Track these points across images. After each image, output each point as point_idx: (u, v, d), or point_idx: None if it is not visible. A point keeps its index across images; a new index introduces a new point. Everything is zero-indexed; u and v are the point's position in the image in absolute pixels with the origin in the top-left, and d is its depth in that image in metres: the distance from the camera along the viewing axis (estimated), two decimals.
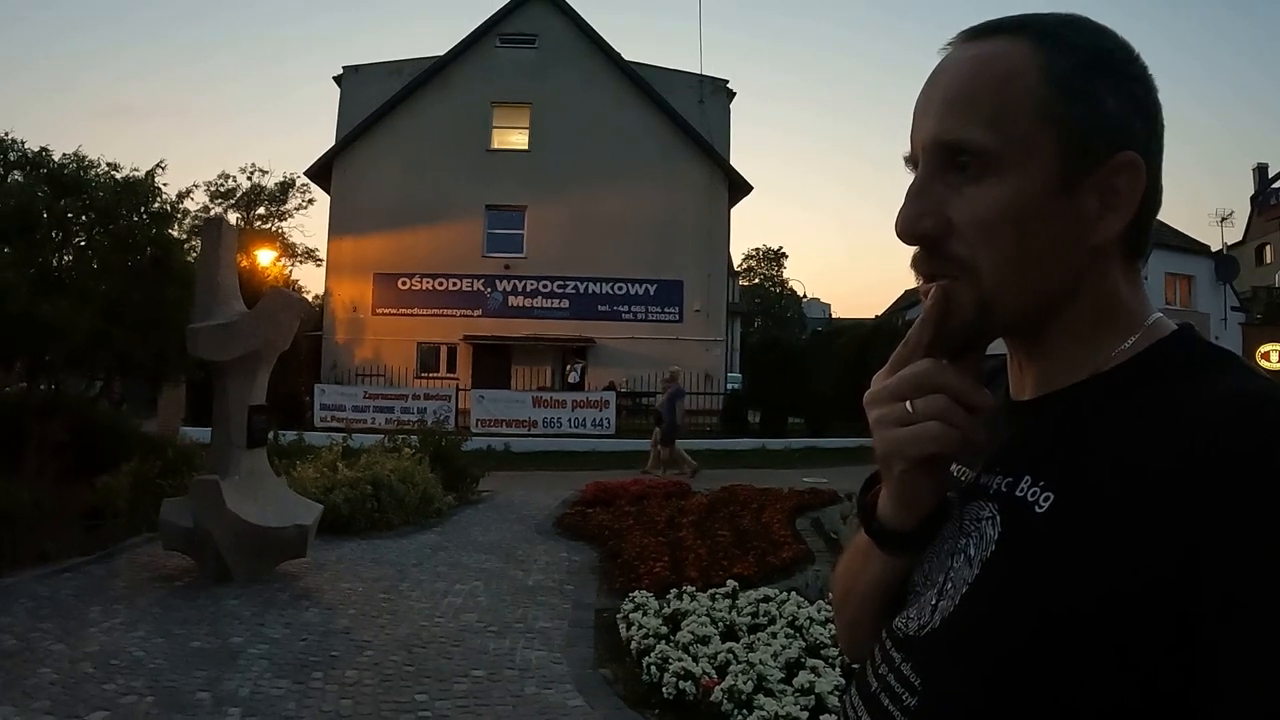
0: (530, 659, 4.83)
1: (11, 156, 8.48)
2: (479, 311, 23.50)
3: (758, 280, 55.50)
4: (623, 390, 21.14)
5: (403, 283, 23.59)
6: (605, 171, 23.27)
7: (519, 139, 24.36)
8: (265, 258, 26.31)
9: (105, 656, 4.53)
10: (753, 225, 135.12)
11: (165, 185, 8.85)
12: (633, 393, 21.22)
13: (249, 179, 35.56)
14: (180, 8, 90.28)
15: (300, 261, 37.41)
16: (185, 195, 9.86)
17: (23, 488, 6.76)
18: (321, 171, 24.87)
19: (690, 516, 8.48)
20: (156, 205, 8.78)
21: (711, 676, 4.17)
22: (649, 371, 20.62)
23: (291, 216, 37.05)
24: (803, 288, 54.88)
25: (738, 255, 47.89)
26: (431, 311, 23.51)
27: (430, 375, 23.07)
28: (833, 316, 51.72)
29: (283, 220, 36.57)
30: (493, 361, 23.07)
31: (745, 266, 54.28)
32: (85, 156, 8.59)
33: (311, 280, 40.19)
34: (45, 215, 8.04)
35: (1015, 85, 0.68)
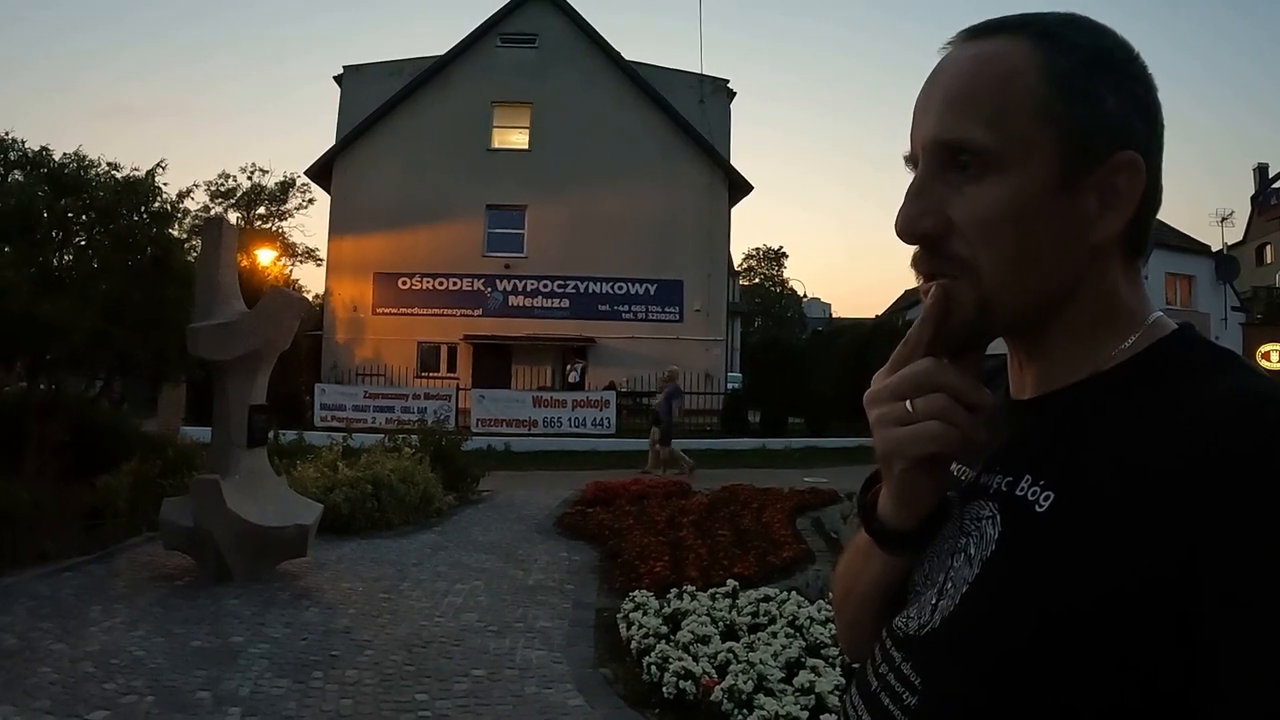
0: (530, 658, 4.83)
1: (12, 156, 8.46)
2: (479, 311, 23.50)
3: (758, 280, 55.54)
4: (623, 390, 21.13)
5: (403, 282, 23.59)
6: (605, 171, 23.27)
7: (519, 139, 24.36)
8: (265, 257, 26.31)
9: (106, 656, 4.53)
10: (753, 225, 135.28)
11: (166, 185, 8.83)
12: (633, 392, 21.21)
13: (249, 179, 35.62)
14: (180, 8, 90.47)
15: (300, 261, 37.49)
16: (186, 195, 9.78)
17: (23, 487, 6.76)
18: (322, 171, 24.87)
19: (690, 516, 8.48)
20: (157, 205, 8.76)
21: (712, 676, 4.17)
22: (649, 371, 20.60)
23: (292, 216, 37.10)
24: (803, 287, 55.02)
25: (738, 255, 47.98)
26: (432, 311, 23.51)
27: (430, 375, 23.06)
28: (833, 316, 51.74)
29: (283, 220, 36.64)
30: (493, 361, 23.07)
31: (745, 266, 54.32)
32: (85, 156, 8.58)
33: (312, 280, 40.29)
34: (45, 215, 8.03)
35: (1015, 84, 0.68)
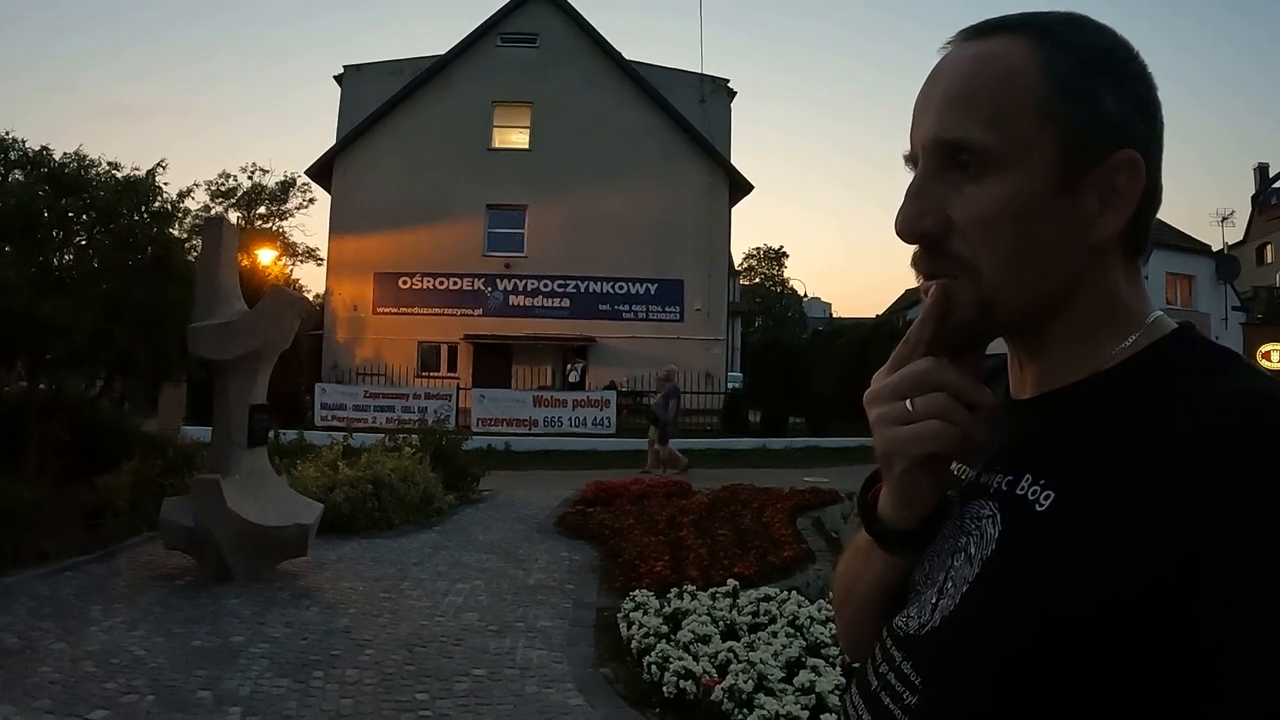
0: (531, 658, 4.83)
1: (12, 156, 8.46)
2: (480, 311, 23.50)
3: (758, 280, 55.58)
4: (623, 390, 21.13)
5: (403, 282, 23.58)
6: (606, 171, 23.26)
7: (520, 138, 24.36)
8: (266, 257, 26.34)
9: (106, 655, 4.53)
10: (753, 225, 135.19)
11: (166, 184, 8.83)
12: (633, 392, 21.22)
13: (250, 178, 35.71)
14: (180, 8, 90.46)
15: (301, 260, 37.57)
16: (186, 194, 9.76)
17: (23, 487, 6.76)
18: (322, 171, 24.87)
19: (691, 516, 8.47)
20: (157, 204, 8.76)
21: (712, 675, 4.17)
22: (649, 371, 20.60)
23: (292, 216, 37.21)
24: (803, 287, 55.02)
25: (738, 254, 47.98)
26: (432, 311, 23.50)
27: (431, 374, 23.06)
28: (833, 316, 51.73)
29: (283, 219, 36.73)
30: (493, 361, 23.07)
31: (746, 266, 54.35)
32: (86, 156, 8.57)
33: (312, 279, 40.30)
34: (46, 214, 8.02)
35: (1015, 84, 0.68)
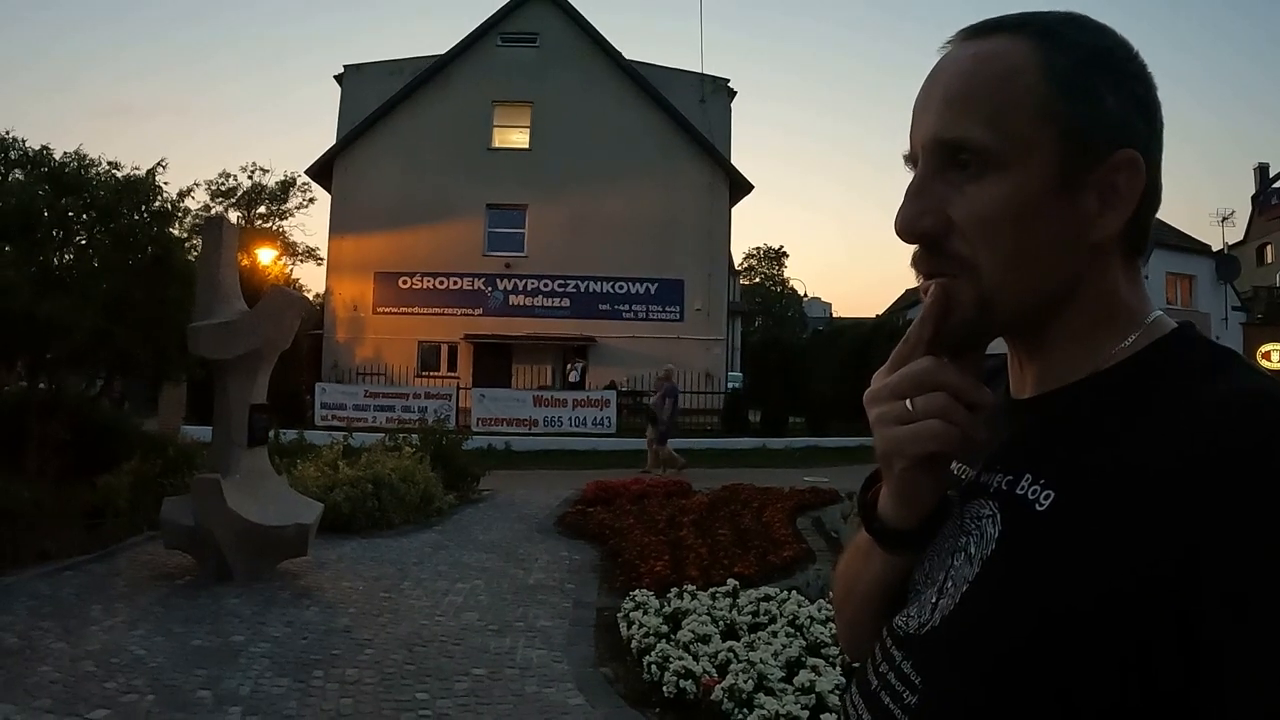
0: (531, 658, 4.83)
1: (12, 155, 8.46)
2: (480, 310, 23.50)
3: (758, 279, 55.59)
4: (623, 389, 21.13)
5: (404, 281, 23.59)
6: (606, 170, 23.26)
7: (520, 138, 24.36)
8: (266, 256, 26.35)
9: (106, 655, 4.53)
10: (753, 224, 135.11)
11: (166, 184, 8.84)
12: (634, 392, 21.22)
13: (250, 178, 35.73)
14: (180, 8, 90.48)
15: (301, 260, 37.61)
16: (186, 194, 9.76)
17: (24, 486, 6.77)
18: (322, 170, 24.88)
19: (691, 515, 8.47)
20: (157, 204, 8.76)
21: (712, 675, 4.17)
22: (649, 371, 20.61)
23: (292, 215, 37.25)
24: (803, 287, 55.00)
25: (738, 254, 47.99)
26: (432, 310, 23.51)
27: (431, 374, 23.07)
28: (833, 316, 51.75)
29: (284, 219, 36.76)
30: (493, 360, 23.07)
31: (746, 266, 54.37)
32: (86, 155, 8.58)
33: (312, 279, 40.27)
34: (46, 214, 8.03)
35: (1015, 83, 0.68)
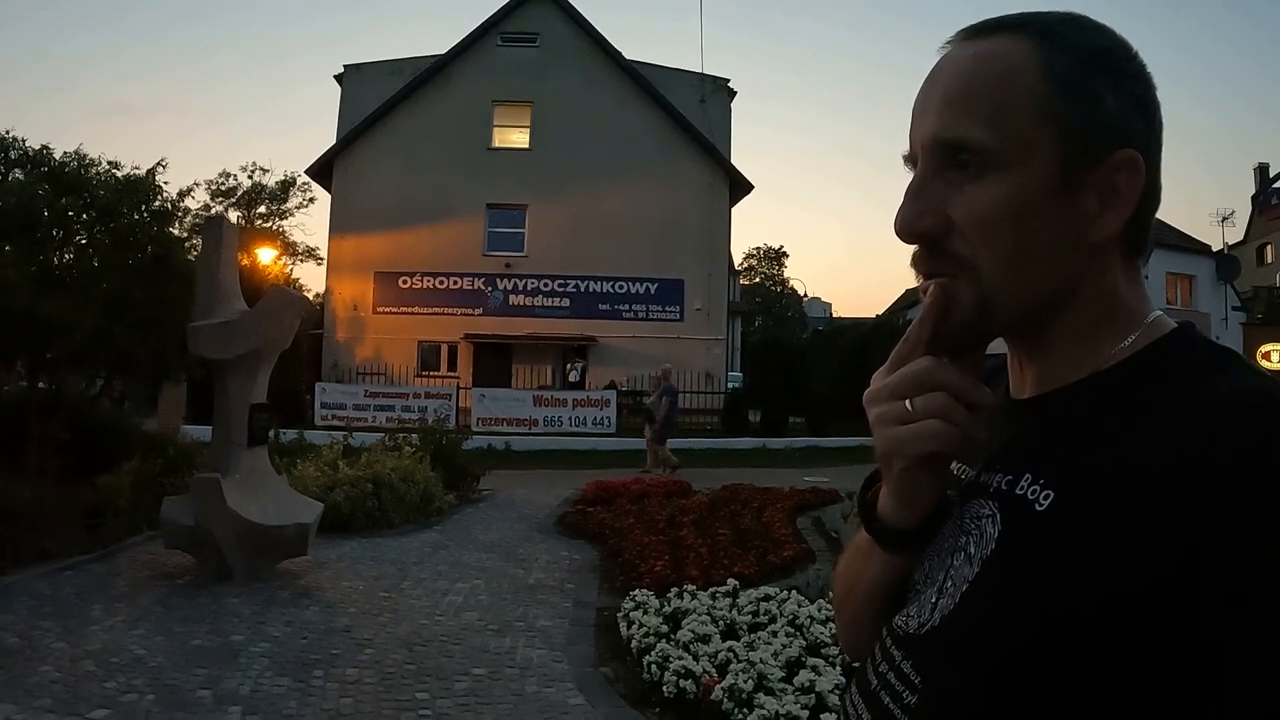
0: (531, 657, 4.83)
1: (12, 155, 8.47)
2: (480, 310, 23.50)
3: (759, 279, 55.59)
4: (623, 389, 21.13)
5: (404, 281, 23.59)
6: (606, 170, 23.26)
7: (520, 138, 24.36)
8: (266, 256, 26.36)
9: (106, 654, 4.53)
10: (753, 224, 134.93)
11: (166, 184, 8.84)
12: (634, 391, 21.22)
13: (250, 178, 35.72)
14: (180, 8, 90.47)
15: (301, 260, 37.60)
16: (186, 194, 9.77)
17: (24, 486, 6.77)
18: (322, 170, 24.88)
19: (691, 515, 8.47)
20: (157, 204, 8.77)
21: (712, 675, 4.17)
22: (649, 371, 20.59)
23: (292, 215, 37.24)
24: (804, 287, 54.99)
25: (739, 254, 48.00)
26: (432, 310, 23.51)
27: (431, 374, 23.07)
28: (833, 316, 51.72)
29: (284, 219, 36.74)
30: (493, 360, 23.07)
31: (746, 265, 54.37)
32: (86, 155, 8.58)
33: (312, 279, 40.25)
34: (46, 213, 8.03)
35: (1015, 83, 0.68)
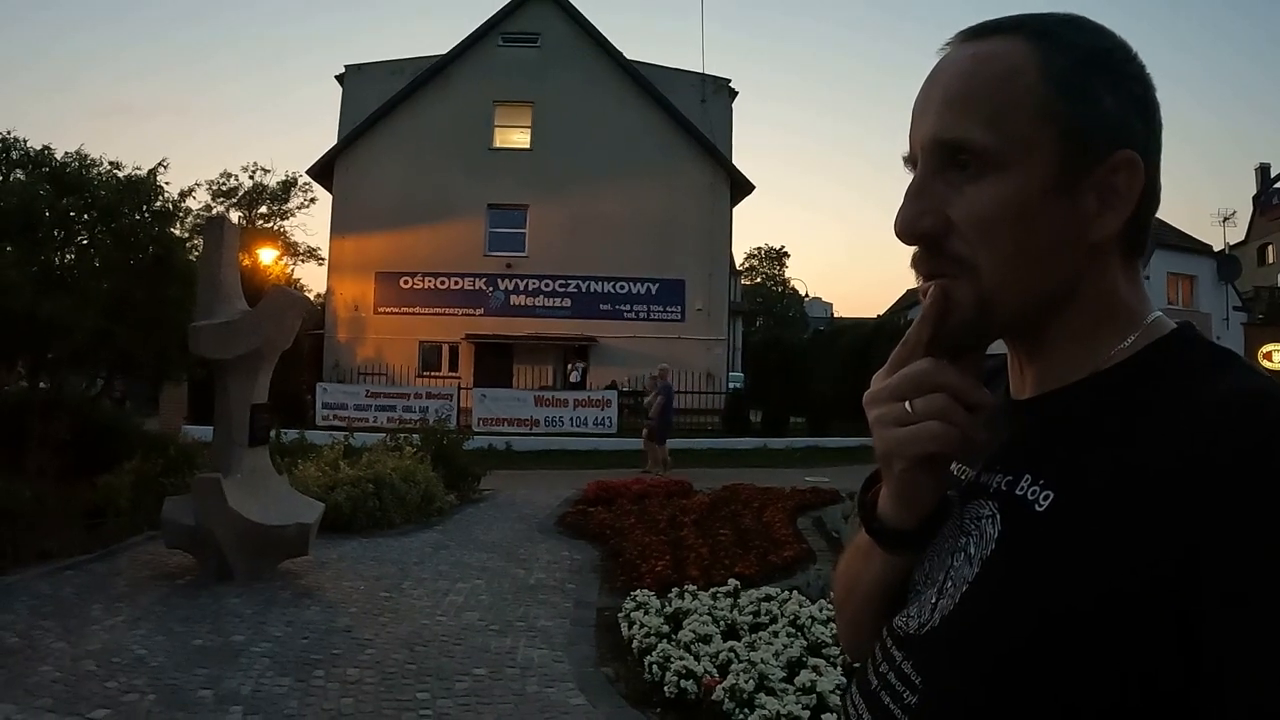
0: (532, 657, 4.83)
1: (14, 155, 8.48)
2: (481, 310, 23.50)
3: (760, 279, 55.57)
4: (624, 389, 21.13)
5: (405, 281, 23.59)
6: (607, 170, 23.25)
7: (521, 138, 24.35)
8: (267, 256, 26.38)
9: (107, 654, 4.54)
10: (754, 224, 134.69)
11: (167, 184, 8.88)
12: (635, 392, 21.22)
13: (251, 178, 35.71)
14: (180, 8, 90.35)
15: (302, 260, 37.60)
16: (187, 194, 9.93)
17: (25, 486, 6.77)
18: (323, 170, 24.88)
19: (692, 516, 8.48)
20: (159, 204, 8.78)
21: (713, 675, 4.17)
22: (650, 371, 20.62)
23: (293, 215, 37.22)
24: (804, 287, 54.71)
25: (739, 254, 48.00)
26: (433, 310, 23.51)
27: (432, 374, 23.07)
28: (834, 316, 51.68)
29: (285, 219, 36.73)
30: (494, 360, 23.07)
31: (747, 266, 54.35)
32: (87, 155, 8.60)
33: (313, 279, 40.39)
34: (47, 214, 8.04)
35: (1014, 84, 0.68)
